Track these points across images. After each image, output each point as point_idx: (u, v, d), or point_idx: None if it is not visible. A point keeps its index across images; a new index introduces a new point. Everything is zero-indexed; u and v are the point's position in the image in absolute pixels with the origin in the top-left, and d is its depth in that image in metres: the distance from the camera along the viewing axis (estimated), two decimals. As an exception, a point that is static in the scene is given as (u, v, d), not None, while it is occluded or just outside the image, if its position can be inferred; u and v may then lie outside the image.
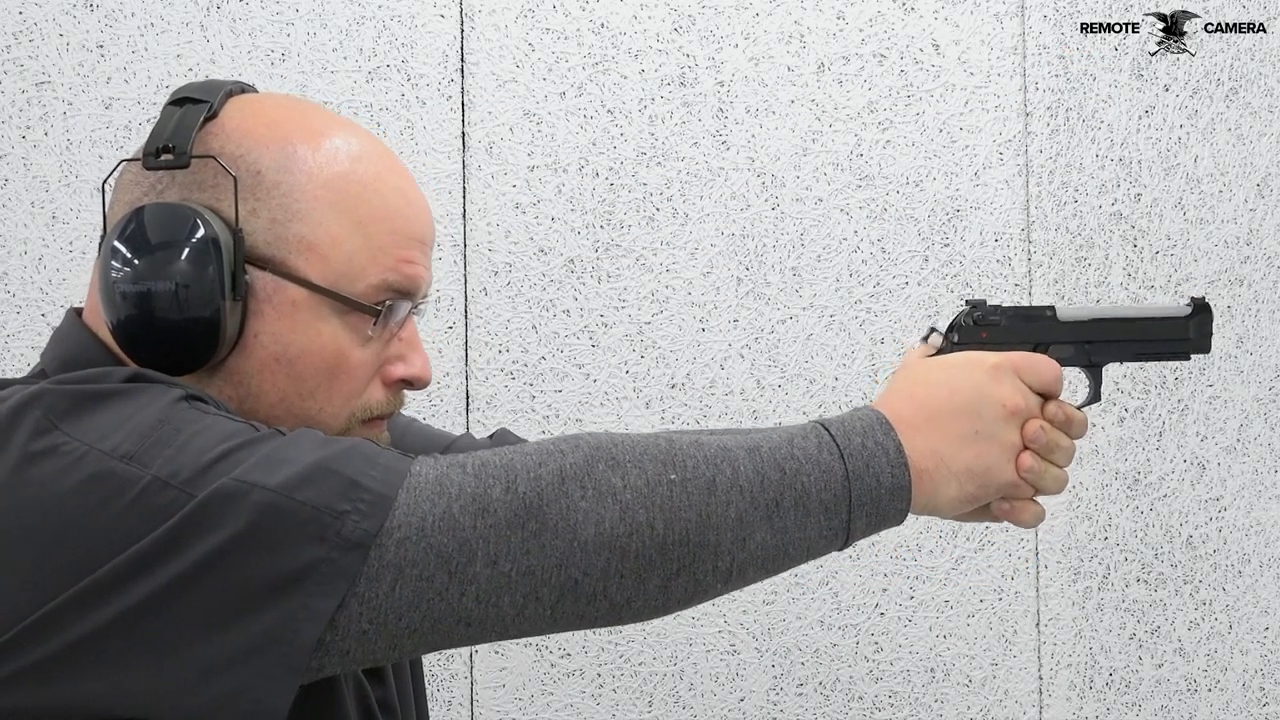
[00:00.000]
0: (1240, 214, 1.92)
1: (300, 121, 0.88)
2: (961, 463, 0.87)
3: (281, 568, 0.71)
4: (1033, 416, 0.90)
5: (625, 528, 0.75)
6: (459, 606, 0.74)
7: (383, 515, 0.73)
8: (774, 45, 1.82)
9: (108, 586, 0.71)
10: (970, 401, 0.88)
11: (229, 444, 0.74)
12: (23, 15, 1.68)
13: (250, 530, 0.71)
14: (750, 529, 0.79)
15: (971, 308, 0.96)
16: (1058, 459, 0.91)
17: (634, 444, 0.79)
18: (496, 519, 0.74)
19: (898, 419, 0.86)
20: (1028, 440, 0.89)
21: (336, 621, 0.72)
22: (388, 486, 0.74)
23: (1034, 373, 0.91)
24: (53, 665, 0.72)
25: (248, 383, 0.85)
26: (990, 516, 0.93)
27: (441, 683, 1.73)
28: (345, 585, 0.72)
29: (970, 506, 0.89)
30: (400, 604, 0.73)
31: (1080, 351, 0.98)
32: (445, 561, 0.73)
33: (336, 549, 0.72)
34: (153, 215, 0.83)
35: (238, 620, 0.71)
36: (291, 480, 0.72)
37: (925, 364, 0.91)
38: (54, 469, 0.73)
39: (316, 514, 0.72)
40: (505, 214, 1.76)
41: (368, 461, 0.75)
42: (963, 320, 0.96)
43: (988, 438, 0.88)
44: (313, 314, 0.85)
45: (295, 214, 0.85)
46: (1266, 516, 1.91)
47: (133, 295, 0.82)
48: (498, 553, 0.74)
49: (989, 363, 0.90)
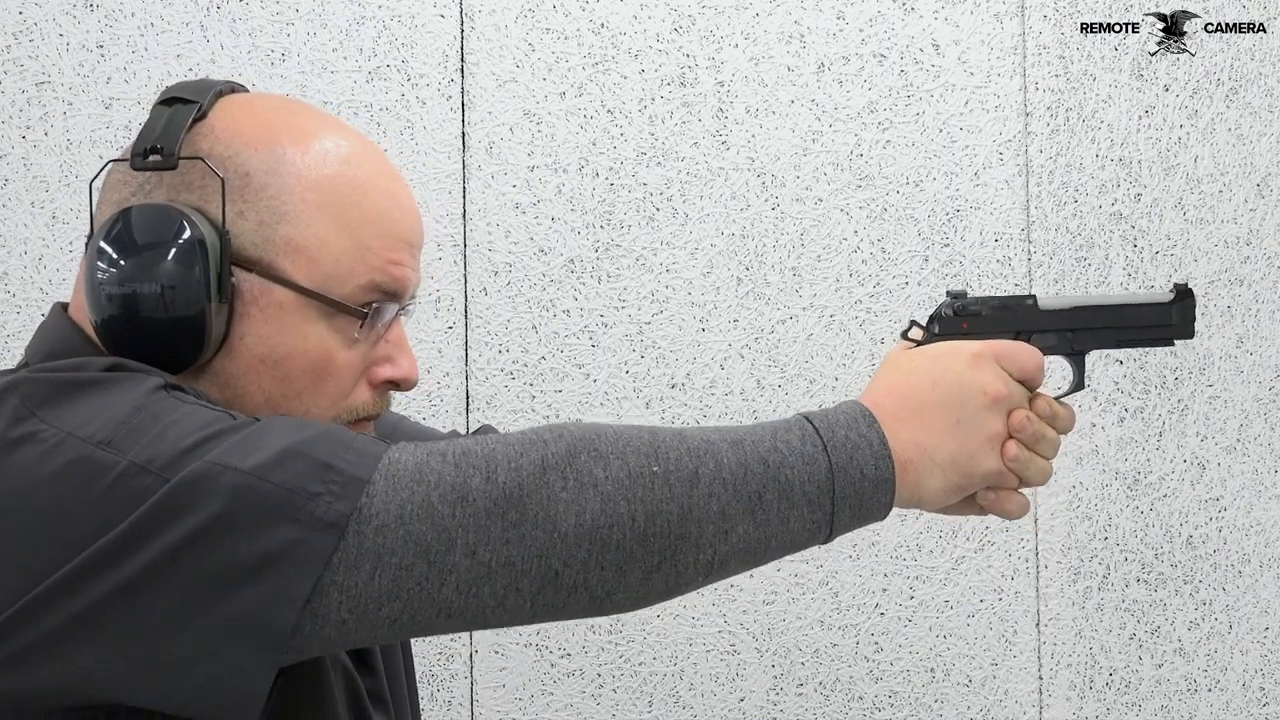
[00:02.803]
0: (1240, 214, 1.92)
1: (289, 123, 0.88)
2: (945, 453, 0.87)
3: (256, 550, 0.71)
4: (1015, 404, 0.90)
5: (606, 519, 0.75)
6: (439, 596, 0.74)
7: (356, 496, 0.73)
8: (774, 45, 1.82)
9: (86, 572, 0.71)
10: (952, 391, 0.88)
11: (206, 430, 0.74)
12: (23, 15, 1.68)
13: (224, 513, 0.71)
14: (732, 522, 0.79)
15: (952, 298, 0.96)
16: (1043, 450, 0.91)
17: (617, 435, 0.78)
18: (476, 508, 0.74)
19: (881, 411, 0.86)
20: (1014, 430, 0.89)
21: (316, 610, 0.72)
22: (361, 469, 0.74)
23: (1015, 360, 0.90)
24: (32, 652, 0.72)
25: (234, 384, 0.85)
26: (975, 509, 0.93)
27: (441, 683, 1.73)
28: (320, 566, 0.72)
29: (956, 498, 0.89)
30: (380, 593, 0.73)
31: (1062, 339, 0.97)
32: (424, 550, 0.73)
33: (310, 530, 0.72)
34: (139, 216, 0.83)
35: (214, 603, 0.71)
36: (264, 463, 0.72)
37: (907, 355, 0.91)
38: (32, 456, 0.73)
39: (289, 495, 0.72)
40: (505, 214, 1.76)
41: (341, 445, 0.75)
42: (944, 311, 0.96)
43: (971, 427, 0.88)
44: (299, 316, 0.85)
45: (283, 216, 0.85)
46: (1266, 516, 1.91)
47: (119, 296, 0.82)
48: (477, 542, 0.74)
49: (970, 351, 0.90)
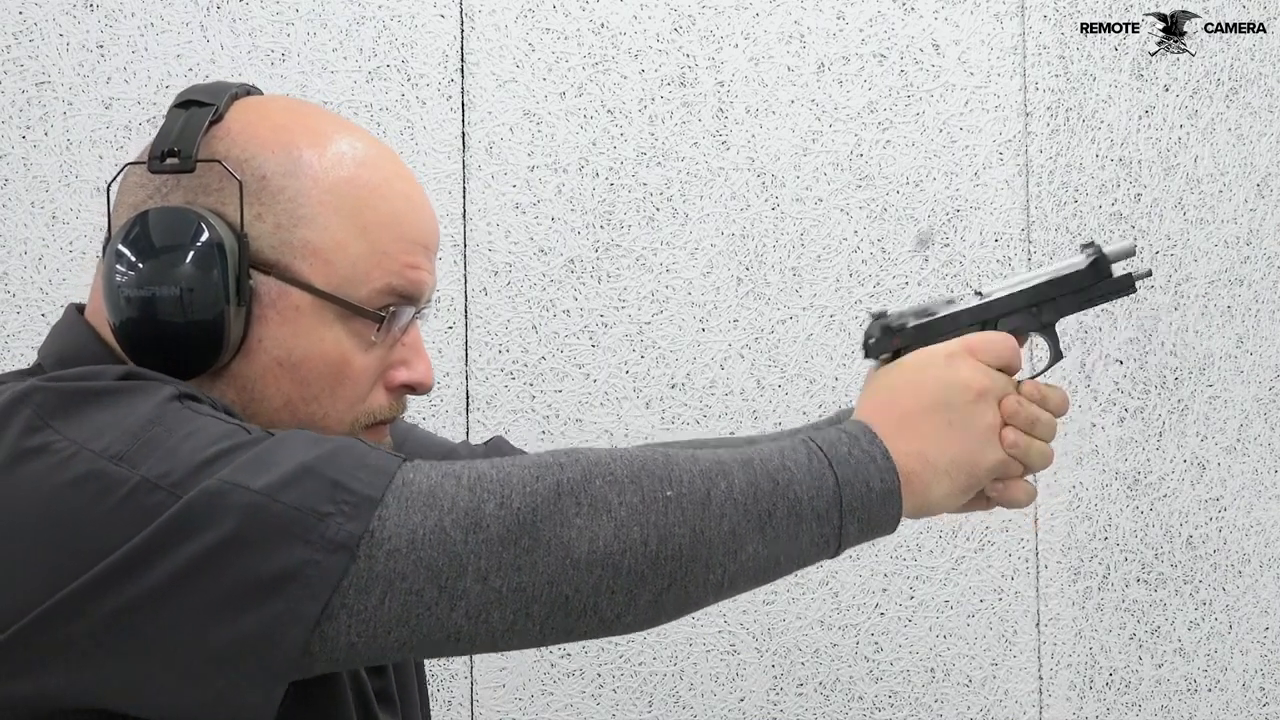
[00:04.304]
0: (1240, 214, 1.92)
1: (306, 125, 0.88)
2: (946, 457, 0.87)
3: (266, 570, 0.71)
4: (1001, 392, 0.90)
5: (619, 545, 0.75)
6: (448, 621, 0.74)
7: (367, 517, 0.72)
8: (774, 45, 1.82)
9: (96, 587, 0.71)
10: (937, 394, 0.88)
11: (219, 446, 0.74)
12: (23, 15, 1.68)
13: (234, 533, 0.71)
14: (742, 541, 0.79)
15: (874, 318, 0.97)
16: (1040, 433, 0.91)
17: (631, 459, 0.78)
18: (489, 534, 0.73)
19: (876, 428, 0.86)
20: (1007, 417, 0.90)
21: (325, 632, 0.72)
22: (373, 488, 0.73)
23: (990, 350, 0.91)
24: (41, 663, 0.72)
25: (251, 388, 0.85)
26: (983, 503, 0.94)
27: (441, 683, 1.73)
28: (330, 587, 0.71)
29: (965, 499, 0.89)
30: (389, 618, 0.73)
31: (1028, 316, 0.97)
32: (435, 576, 0.73)
33: (321, 550, 0.71)
34: (157, 219, 0.82)
35: (223, 623, 0.71)
36: (276, 482, 0.72)
37: (884, 372, 0.92)
38: (44, 467, 0.73)
39: (300, 516, 0.71)
40: (505, 214, 1.76)
41: (355, 463, 0.74)
42: (872, 333, 0.96)
43: (964, 424, 0.88)
44: (316, 319, 0.85)
45: (300, 219, 0.85)
46: (1266, 516, 1.91)
47: (137, 299, 0.82)
48: (489, 569, 0.73)
49: (943, 353, 0.90)
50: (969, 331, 0.95)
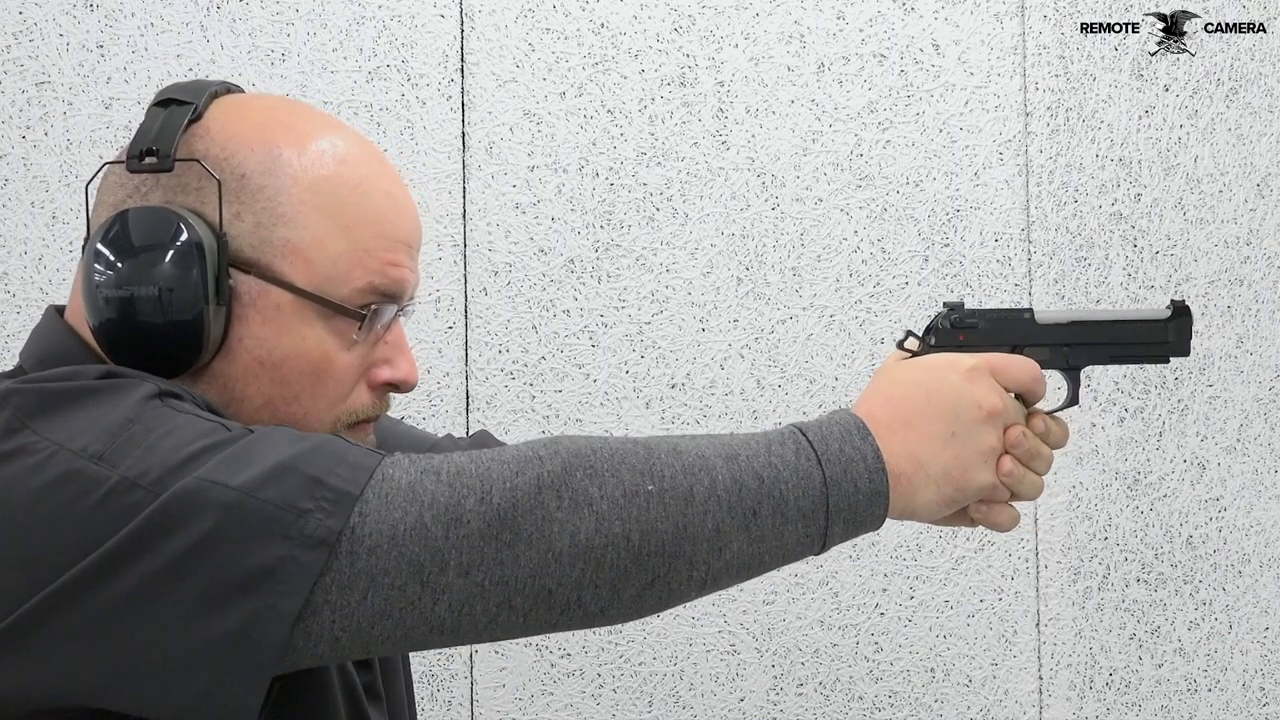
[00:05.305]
0: (1240, 214, 1.92)
1: (286, 123, 0.87)
2: (939, 465, 0.86)
3: (246, 567, 0.71)
4: (1010, 419, 0.89)
5: (601, 539, 0.75)
6: (431, 615, 0.74)
7: (346, 513, 0.72)
8: (774, 45, 1.82)
9: (77, 586, 0.71)
10: (947, 404, 0.87)
11: (199, 444, 0.74)
12: (23, 15, 1.68)
13: (213, 530, 0.71)
14: (727, 539, 0.79)
15: (949, 310, 0.95)
16: (1037, 466, 0.91)
17: (612, 451, 0.78)
18: (470, 529, 0.73)
19: (874, 423, 0.85)
20: (1009, 446, 0.89)
21: (309, 628, 0.72)
22: (352, 484, 0.73)
23: (1010, 374, 0.90)
24: (22, 662, 0.72)
25: (232, 387, 0.85)
26: (966, 521, 0.93)
27: (441, 683, 1.73)
28: (310, 584, 0.71)
29: (948, 510, 0.89)
30: (373, 613, 0.73)
31: (1058, 354, 0.97)
32: (417, 571, 0.73)
33: (300, 547, 0.71)
34: (136, 219, 0.82)
35: (204, 620, 0.71)
36: (255, 480, 0.72)
37: (902, 366, 0.91)
38: (23, 468, 0.73)
39: (279, 512, 0.71)
40: (505, 214, 1.76)
41: (334, 459, 0.74)
42: (940, 323, 0.95)
43: (965, 440, 0.87)
44: (297, 318, 0.85)
45: (280, 218, 0.84)
46: (1266, 516, 1.91)
47: (116, 299, 0.81)
48: (470, 563, 0.73)
49: (966, 364, 0.89)
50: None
